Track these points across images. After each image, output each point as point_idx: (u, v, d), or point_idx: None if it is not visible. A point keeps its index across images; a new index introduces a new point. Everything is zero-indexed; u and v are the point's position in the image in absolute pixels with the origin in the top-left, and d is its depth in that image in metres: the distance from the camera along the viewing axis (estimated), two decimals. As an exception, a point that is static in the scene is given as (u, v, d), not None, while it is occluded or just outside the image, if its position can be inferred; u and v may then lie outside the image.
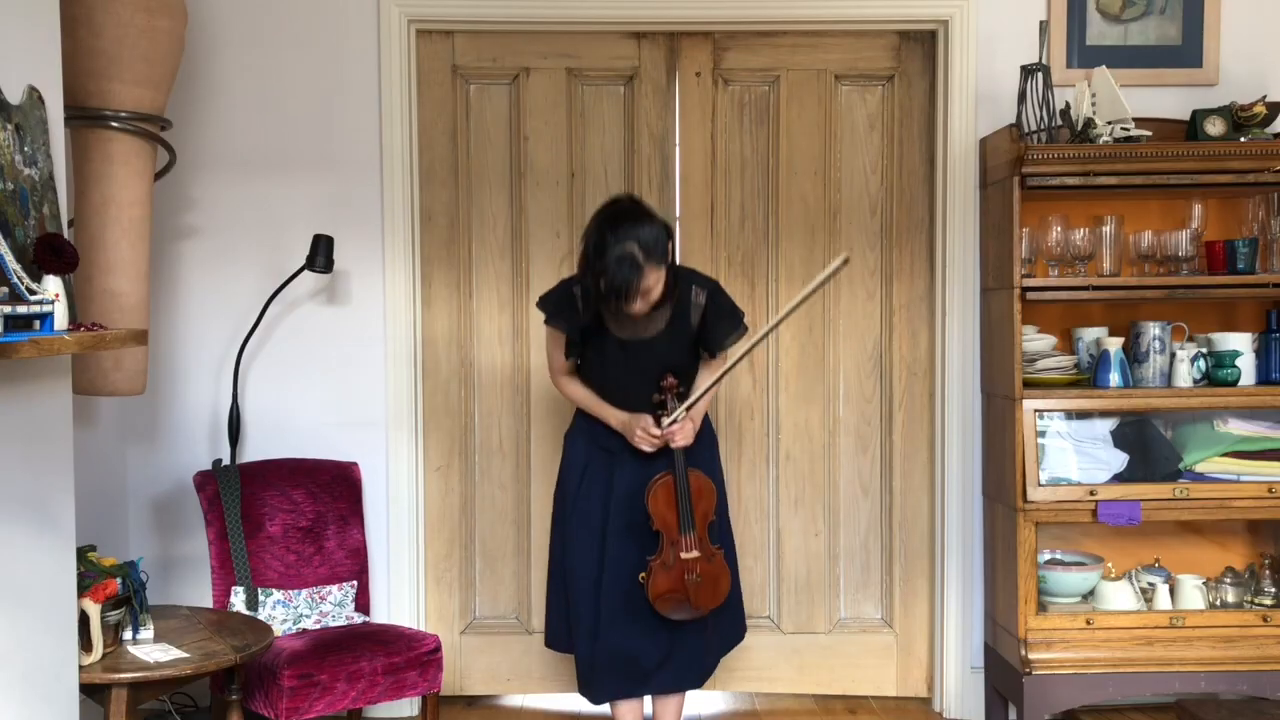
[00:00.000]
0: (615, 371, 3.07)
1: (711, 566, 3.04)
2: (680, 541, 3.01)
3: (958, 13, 3.69)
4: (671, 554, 3.01)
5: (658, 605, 3.01)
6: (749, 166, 3.83)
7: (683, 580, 3.01)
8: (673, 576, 3.01)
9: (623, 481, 3.08)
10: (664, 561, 3.01)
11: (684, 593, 3.01)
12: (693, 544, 3.01)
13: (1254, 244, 3.46)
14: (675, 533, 3.01)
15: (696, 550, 3.01)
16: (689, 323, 3.06)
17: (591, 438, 3.14)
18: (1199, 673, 3.34)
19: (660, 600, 3.01)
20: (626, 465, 3.08)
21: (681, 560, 3.01)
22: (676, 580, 3.01)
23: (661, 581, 3.01)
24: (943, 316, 3.76)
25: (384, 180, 3.68)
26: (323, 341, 3.72)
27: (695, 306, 3.05)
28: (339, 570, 3.49)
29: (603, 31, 3.76)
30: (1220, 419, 3.48)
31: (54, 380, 2.42)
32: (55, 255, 2.18)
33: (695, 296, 3.06)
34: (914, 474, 3.86)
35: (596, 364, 3.10)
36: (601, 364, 3.09)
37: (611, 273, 2.82)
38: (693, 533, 3.01)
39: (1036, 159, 3.33)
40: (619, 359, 3.05)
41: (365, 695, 3.08)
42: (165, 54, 2.99)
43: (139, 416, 3.68)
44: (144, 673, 2.56)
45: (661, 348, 3.04)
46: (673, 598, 3.01)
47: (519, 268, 3.82)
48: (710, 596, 3.05)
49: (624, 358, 3.04)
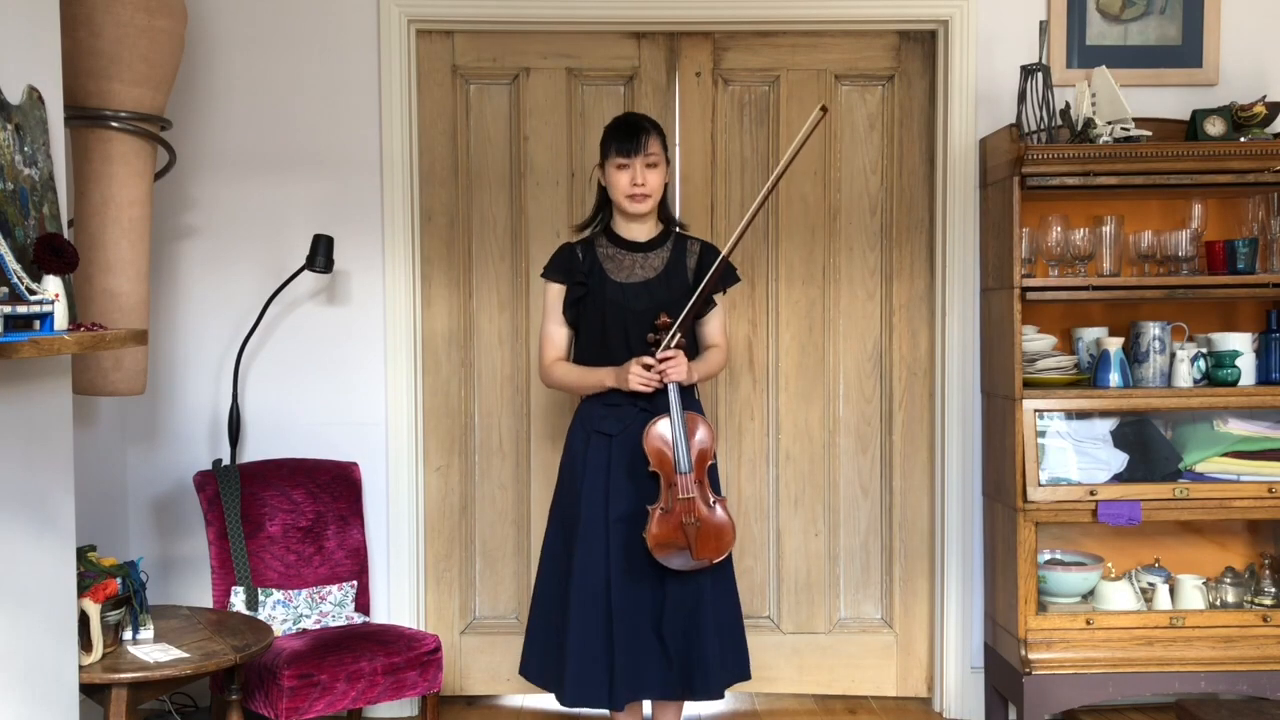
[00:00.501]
0: (615, 320, 3.03)
1: (712, 515, 2.96)
2: (678, 482, 2.94)
3: (958, 13, 3.69)
4: (669, 497, 2.94)
5: (657, 553, 2.92)
6: (749, 166, 3.83)
7: (681, 526, 2.92)
8: (671, 522, 2.93)
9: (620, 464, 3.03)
10: (663, 506, 2.94)
11: (683, 539, 2.92)
12: (690, 485, 2.94)
13: (1254, 244, 3.46)
14: (672, 473, 2.95)
15: (694, 492, 2.94)
16: (685, 269, 3.09)
17: (589, 424, 3.08)
18: (1199, 673, 3.34)
19: (659, 547, 2.92)
20: (625, 446, 3.02)
21: (679, 502, 2.93)
22: (675, 526, 2.92)
23: (660, 527, 2.92)
24: (943, 316, 3.77)
25: (384, 180, 3.68)
26: (323, 341, 3.72)
27: (691, 253, 3.12)
28: (339, 570, 3.49)
29: (603, 31, 3.76)
30: (1220, 419, 3.49)
31: (54, 380, 2.42)
32: (55, 255, 2.18)
33: (690, 245, 3.14)
34: (914, 474, 3.87)
35: (595, 321, 3.06)
36: (601, 320, 3.05)
37: (620, 125, 3.05)
38: (690, 473, 2.95)
39: (1036, 159, 3.33)
40: (618, 306, 3.03)
41: (365, 695, 3.08)
42: (165, 54, 2.99)
43: (139, 416, 3.68)
44: (144, 673, 2.56)
45: (660, 293, 3.05)
46: (672, 544, 2.93)
47: (519, 268, 3.82)
48: (712, 547, 2.95)
49: (623, 303, 3.03)
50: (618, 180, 3.04)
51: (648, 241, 3.11)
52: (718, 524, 2.97)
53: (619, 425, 3.03)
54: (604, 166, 3.08)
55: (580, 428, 3.12)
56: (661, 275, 3.08)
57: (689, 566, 2.96)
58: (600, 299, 3.06)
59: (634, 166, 3.02)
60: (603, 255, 3.09)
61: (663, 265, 3.09)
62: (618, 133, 3.05)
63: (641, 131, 3.03)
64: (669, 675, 2.99)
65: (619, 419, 3.03)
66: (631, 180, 3.02)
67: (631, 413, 3.02)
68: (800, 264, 3.83)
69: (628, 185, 3.02)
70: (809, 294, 3.84)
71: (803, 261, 3.83)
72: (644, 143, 3.02)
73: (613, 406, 3.05)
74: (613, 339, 3.05)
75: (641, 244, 3.11)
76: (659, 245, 3.12)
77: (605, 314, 3.05)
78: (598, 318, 3.07)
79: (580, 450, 3.07)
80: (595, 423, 3.06)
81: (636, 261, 3.09)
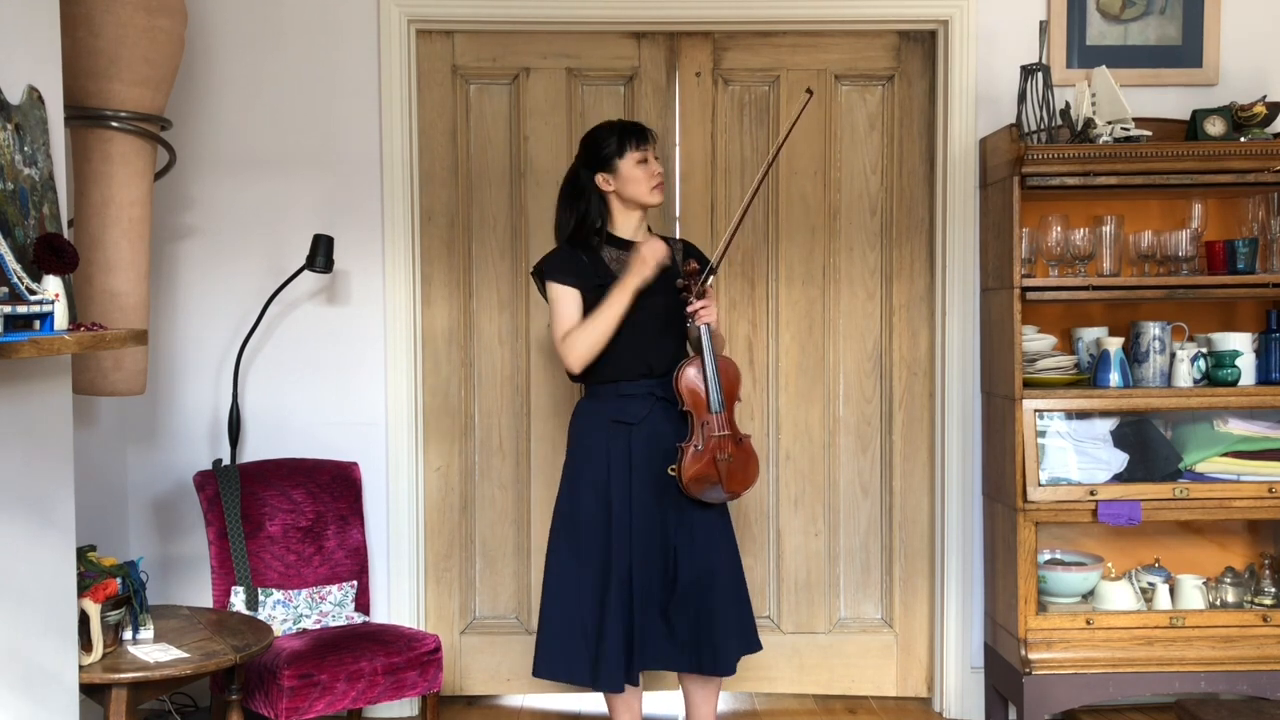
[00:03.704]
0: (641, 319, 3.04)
1: (741, 449, 3.06)
2: (710, 421, 3.02)
3: (958, 13, 3.69)
4: (701, 435, 3.02)
5: (690, 489, 3.02)
6: (749, 166, 3.83)
7: (714, 461, 3.01)
8: (704, 459, 3.01)
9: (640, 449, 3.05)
10: (694, 445, 3.02)
11: (715, 474, 3.02)
12: (723, 424, 3.03)
13: (1254, 244, 3.46)
14: (705, 412, 3.03)
15: (726, 429, 3.03)
16: (676, 264, 3.12)
17: (605, 414, 3.08)
18: (1199, 673, 3.34)
19: (692, 483, 3.01)
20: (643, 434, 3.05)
21: (712, 439, 3.02)
22: (708, 462, 3.01)
23: (695, 464, 3.01)
24: (943, 316, 3.77)
25: (384, 180, 3.68)
26: (323, 341, 3.72)
27: (675, 250, 3.17)
28: (339, 570, 3.49)
29: (603, 31, 3.76)
30: (1220, 419, 3.49)
31: (54, 380, 2.42)
32: (55, 255, 2.18)
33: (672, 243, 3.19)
34: (914, 474, 3.87)
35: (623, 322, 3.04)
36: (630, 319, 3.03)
37: (623, 124, 3.12)
38: (722, 412, 3.03)
39: (1036, 159, 3.33)
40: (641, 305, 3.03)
41: (365, 695, 3.08)
42: (165, 54, 2.99)
43: (139, 416, 3.68)
44: (144, 673, 2.56)
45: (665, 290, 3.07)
46: (705, 480, 3.02)
47: (519, 268, 3.82)
48: (741, 479, 3.07)
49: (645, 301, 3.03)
50: (638, 174, 3.07)
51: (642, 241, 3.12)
52: (746, 457, 3.08)
53: (639, 413, 3.05)
54: (610, 169, 3.08)
55: (593, 419, 3.10)
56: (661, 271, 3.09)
57: (720, 499, 3.08)
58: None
59: (650, 157, 3.08)
60: (608, 259, 3.09)
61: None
62: (627, 130, 3.10)
63: (649, 132, 3.14)
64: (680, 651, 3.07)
65: (637, 408, 3.06)
66: (653, 171, 3.08)
67: (649, 402, 3.06)
68: (800, 264, 3.83)
69: (650, 176, 3.08)
70: (809, 294, 3.84)
71: (803, 261, 3.83)
72: (651, 135, 3.13)
73: (628, 397, 3.06)
74: (639, 337, 3.06)
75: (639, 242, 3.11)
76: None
77: (633, 314, 3.04)
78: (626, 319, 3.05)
79: (600, 442, 3.07)
80: (613, 413, 3.07)
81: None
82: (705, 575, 3.06)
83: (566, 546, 3.09)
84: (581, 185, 3.12)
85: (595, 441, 3.08)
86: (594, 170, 3.10)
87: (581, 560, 3.06)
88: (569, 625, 3.06)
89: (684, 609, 3.06)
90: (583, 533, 3.07)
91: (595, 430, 3.09)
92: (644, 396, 3.07)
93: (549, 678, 3.11)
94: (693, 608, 3.05)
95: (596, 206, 3.12)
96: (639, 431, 3.05)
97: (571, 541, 3.08)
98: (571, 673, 3.07)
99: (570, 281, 3.06)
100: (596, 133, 3.14)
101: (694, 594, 3.05)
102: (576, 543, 3.07)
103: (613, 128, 3.12)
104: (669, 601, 3.05)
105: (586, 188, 3.11)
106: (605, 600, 3.02)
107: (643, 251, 3.02)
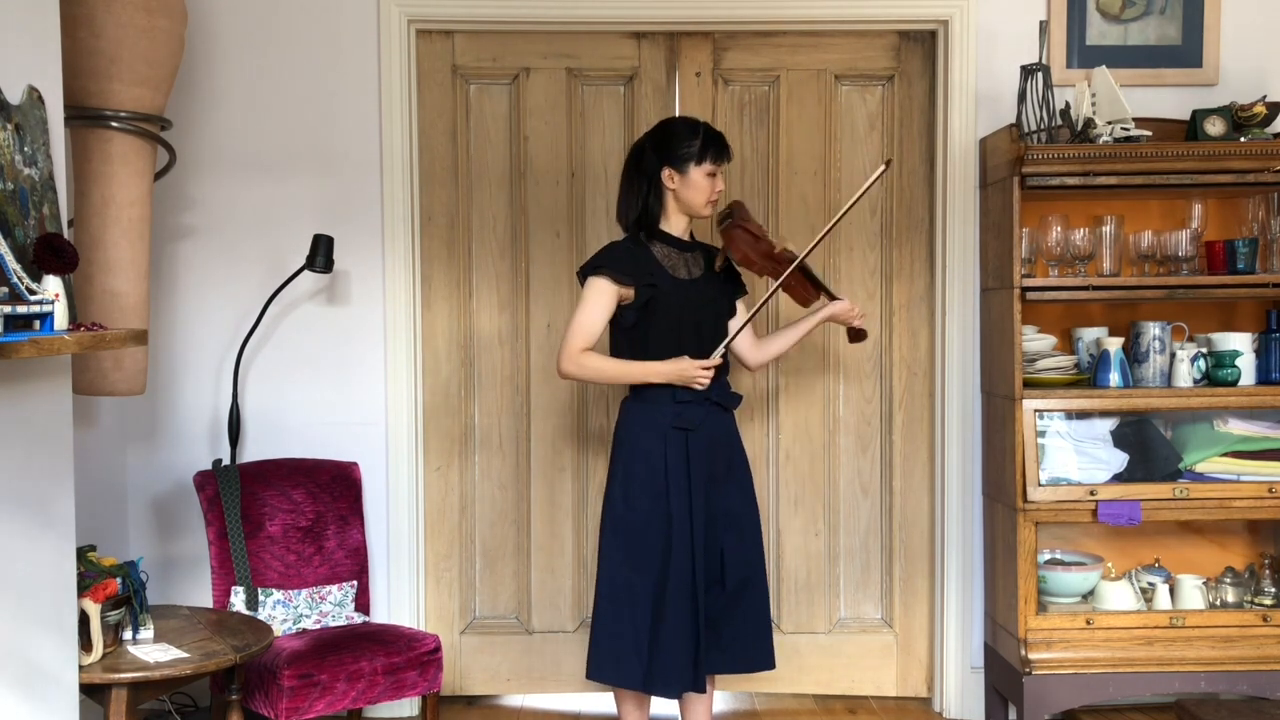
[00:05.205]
0: (689, 317, 3.06)
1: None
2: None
3: (958, 13, 3.69)
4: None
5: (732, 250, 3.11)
6: (749, 166, 3.83)
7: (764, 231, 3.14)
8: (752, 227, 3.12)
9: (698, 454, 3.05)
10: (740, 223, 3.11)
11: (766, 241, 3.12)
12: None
13: (1254, 244, 3.46)
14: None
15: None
16: (714, 267, 3.17)
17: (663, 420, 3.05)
18: (1199, 673, 3.34)
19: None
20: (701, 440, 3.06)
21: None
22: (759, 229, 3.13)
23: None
24: (943, 316, 3.77)
25: (384, 180, 3.68)
26: (323, 341, 3.72)
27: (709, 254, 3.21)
28: (339, 570, 3.49)
29: (603, 31, 3.76)
30: (1220, 419, 3.49)
31: (54, 380, 2.42)
32: (55, 255, 2.18)
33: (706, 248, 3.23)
34: (914, 474, 3.87)
35: (669, 320, 3.05)
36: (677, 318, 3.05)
37: (709, 131, 3.09)
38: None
39: (1036, 159, 3.33)
40: (693, 304, 3.06)
41: (365, 695, 3.08)
42: (165, 54, 2.99)
43: (139, 416, 3.68)
44: (144, 673, 2.56)
45: (709, 290, 3.12)
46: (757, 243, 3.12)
47: (519, 268, 3.82)
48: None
49: (695, 300, 3.07)
50: (702, 184, 3.07)
51: (690, 240, 3.18)
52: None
53: (697, 419, 3.05)
54: (682, 169, 3.07)
55: (650, 425, 3.07)
56: (706, 273, 3.14)
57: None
58: (677, 298, 3.06)
59: (719, 172, 3.10)
60: (660, 255, 3.09)
61: (702, 263, 3.16)
62: (711, 140, 3.08)
63: (727, 142, 3.13)
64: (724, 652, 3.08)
65: (694, 414, 3.05)
66: (715, 187, 3.09)
67: (705, 408, 3.07)
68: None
69: (712, 191, 3.09)
70: (809, 294, 3.84)
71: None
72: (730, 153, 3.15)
73: (684, 404, 3.05)
74: (686, 335, 3.06)
75: (688, 242, 3.16)
76: (695, 245, 3.19)
77: (681, 312, 3.05)
78: (673, 316, 3.06)
79: (657, 447, 3.04)
80: (672, 418, 3.05)
81: (686, 260, 3.13)
82: (751, 573, 3.10)
83: (622, 551, 3.06)
84: (645, 169, 3.10)
85: (652, 446, 3.05)
86: (662, 162, 3.08)
87: (635, 565, 3.03)
88: (621, 629, 3.04)
89: (731, 609, 3.07)
90: (638, 538, 3.04)
91: (649, 433, 3.06)
92: (700, 402, 3.06)
93: (601, 680, 3.10)
94: (740, 606, 3.08)
95: (657, 199, 3.11)
96: (695, 437, 3.05)
97: (627, 546, 3.05)
98: (623, 677, 3.05)
99: (624, 280, 3.04)
100: (678, 127, 3.11)
101: (742, 593, 3.08)
102: (632, 548, 3.05)
103: (697, 129, 3.08)
104: (717, 605, 3.06)
105: (650, 174, 3.09)
106: (662, 607, 3.00)
107: (688, 372, 3.02)
